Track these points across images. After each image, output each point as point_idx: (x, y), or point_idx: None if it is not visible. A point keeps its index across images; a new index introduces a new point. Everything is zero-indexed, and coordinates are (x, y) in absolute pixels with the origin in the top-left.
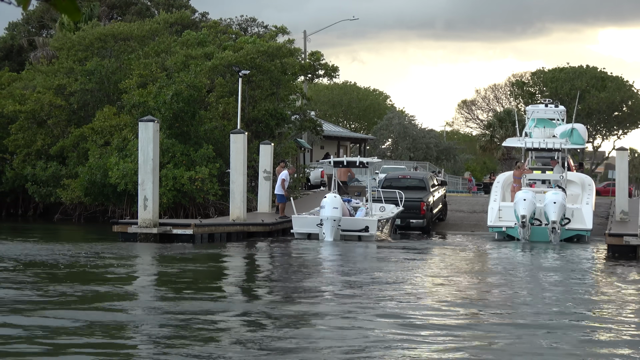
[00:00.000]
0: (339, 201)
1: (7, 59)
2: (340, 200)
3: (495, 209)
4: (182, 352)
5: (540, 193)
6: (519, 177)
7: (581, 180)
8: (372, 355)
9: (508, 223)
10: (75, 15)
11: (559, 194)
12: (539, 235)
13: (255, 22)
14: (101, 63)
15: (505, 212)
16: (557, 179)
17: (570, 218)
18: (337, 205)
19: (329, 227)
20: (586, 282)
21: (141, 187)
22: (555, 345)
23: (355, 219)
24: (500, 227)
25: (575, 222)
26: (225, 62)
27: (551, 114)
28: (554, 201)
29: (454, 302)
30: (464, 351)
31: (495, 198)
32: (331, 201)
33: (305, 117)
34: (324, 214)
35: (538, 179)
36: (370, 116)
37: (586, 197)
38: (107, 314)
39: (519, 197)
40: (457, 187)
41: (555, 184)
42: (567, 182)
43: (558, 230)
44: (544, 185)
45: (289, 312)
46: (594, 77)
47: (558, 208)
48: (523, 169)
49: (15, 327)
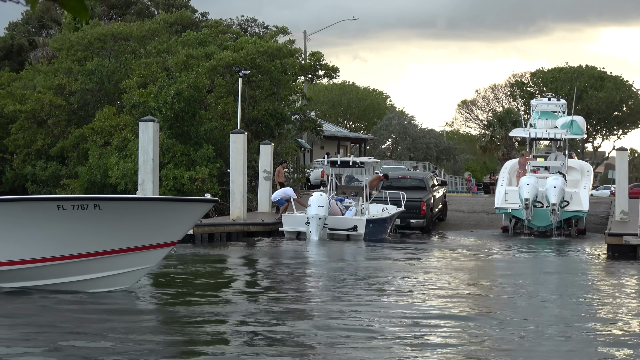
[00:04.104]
0: (325, 199)
1: (7, 59)
2: (326, 198)
3: (502, 192)
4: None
5: (542, 178)
6: (524, 164)
7: (581, 167)
8: (375, 354)
9: (513, 205)
10: (83, 15)
11: (559, 179)
12: (540, 216)
13: (255, 22)
14: (101, 63)
15: (511, 195)
16: (558, 166)
17: (569, 201)
18: (323, 204)
19: (315, 225)
20: (586, 282)
21: (141, 187)
22: (555, 345)
23: (344, 218)
24: (506, 209)
25: (573, 205)
26: (225, 62)
27: (553, 107)
28: (554, 185)
29: (454, 302)
30: (464, 352)
31: (502, 183)
32: (317, 200)
33: (305, 117)
34: (309, 212)
35: (541, 166)
36: (370, 116)
37: (584, 182)
38: (103, 315)
39: (523, 182)
40: (457, 187)
41: (556, 170)
42: (568, 168)
43: (557, 212)
44: (547, 172)
45: (287, 311)
46: (593, 77)
47: (558, 192)
48: (527, 157)
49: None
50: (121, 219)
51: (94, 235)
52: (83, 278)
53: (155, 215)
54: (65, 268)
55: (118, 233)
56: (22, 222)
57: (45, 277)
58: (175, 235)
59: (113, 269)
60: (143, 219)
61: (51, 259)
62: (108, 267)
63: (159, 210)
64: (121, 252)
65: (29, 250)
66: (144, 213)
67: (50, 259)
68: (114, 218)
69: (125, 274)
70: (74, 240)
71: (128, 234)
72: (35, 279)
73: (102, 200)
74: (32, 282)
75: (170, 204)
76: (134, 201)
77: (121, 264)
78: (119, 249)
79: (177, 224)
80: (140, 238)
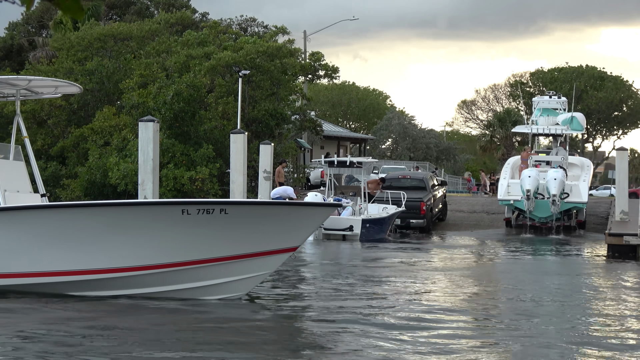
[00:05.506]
0: (320, 199)
1: (7, 59)
2: (321, 198)
3: (504, 185)
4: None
5: (544, 172)
6: (526, 158)
7: (581, 163)
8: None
9: (515, 197)
10: (78, 15)
11: (559, 172)
12: (541, 207)
13: (255, 22)
14: (101, 63)
15: (513, 187)
16: (559, 160)
17: (569, 193)
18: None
19: None
20: (586, 282)
21: (141, 188)
22: (555, 345)
23: (339, 218)
24: (508, 200)
25: (573, 197)
26: (225, 62)
27: (554, 104)
28: (555, 177)
29: (454, 303)
30: (464, 352)
31: (505, 176)
32: (311, 199)
33: (305, 117)
34: None
35: (542, 160)
36: (370, 116)
37: (584, 176)
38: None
39: (524, 174)
40: (457, 187)
41: (557, 164)
42: (569, 164)
43: (558, 203)
44: (548, 166)
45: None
46: (593, 77)
47: (558, 184)
48: (529, 152)
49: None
50: (246, 223)
51: (217, 240)
52: (201, 285)
53: (281, 219)
54: (187, 274)
55: (242, 238)
56: (146, 226)
57: (170, 283)
58: (298, 240)
59: (233, 274)
60: (268, 224)
61: (174, 265)
62: (229, 273)
63: (285, 214)
64: (244, 258)
65: (153, 255)
66: (270, 217)
67: (174, 265)
68: (239, 222)
69: (244, 280)
70: (198, 245)
71: (252, 238)
72: (160, 284)
73: (229, 204)
74: (157, 288)
75: (296, 208)
76: (261, 205)
77: (242, 270)
78: (242, 254)
79: (300, 228)
80: (264, 243)
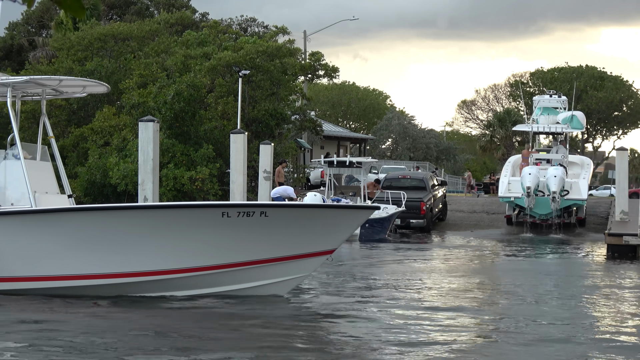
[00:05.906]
0: (319, 199)
1: (7, 59)
2: (320, 198)
3: (505, 182)
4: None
5: (544, 169)
6: (527, 157)
7: (581, 161)
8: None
9: (516, 194)
10: (79, 13)
11: (559, 169)
12: (542, 204)
13: (255, 22)
14: (101, 63)
15: (514, 185)
16: (559, 158)
17: (568, 190)
18: (314, 203)
19: None
20: (586, 282)
21: (141, 187)
22: (555, 345)
23: None
24: (509, 198)
25: (573, 194)
26: (225, 62)
27: (555, 103)
28: (555, 175)
29: (454, 303)
30: (464, 351)
31: (506, 174)
32: (311, 200)
33: (305, 117)
34: None
35: (543, 158)
36: (370, 116)
37: (584, 173)
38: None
39: (525, 172)
40: (457, 187)
41: (557, 162)
42: (570, 163)
43: (558, 200)
44: (548, 164)
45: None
46: (593, 77)
47: (558, 181)
48: (530, 151)
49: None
50: (285, 226)
51: (257, 242)
52: (239, 287)
53: (320, 222)
54: (226, 277)
55: (281, 240)
56: (185, 229)
57: (209, 285)
58: (335, 242)
59: (272, 277)
60: (307, 226)
61: (214, 267)
62: (268, 275)
63: (324, 217)
64: (283, 260)
65: (193, 258)
66: (309, 220)
67: (213, 267)
68: (279, 225)
69: (282, 282)
70: (237, 248)
71: (291, 241)
72: (199, 287)
73: (269, 207)
74: (196, 291)
75: (335, 210)
76: (301, 208)
77: (280, 272)
78: (281, 256)
79: (338, 231)
80: (303, 245)
